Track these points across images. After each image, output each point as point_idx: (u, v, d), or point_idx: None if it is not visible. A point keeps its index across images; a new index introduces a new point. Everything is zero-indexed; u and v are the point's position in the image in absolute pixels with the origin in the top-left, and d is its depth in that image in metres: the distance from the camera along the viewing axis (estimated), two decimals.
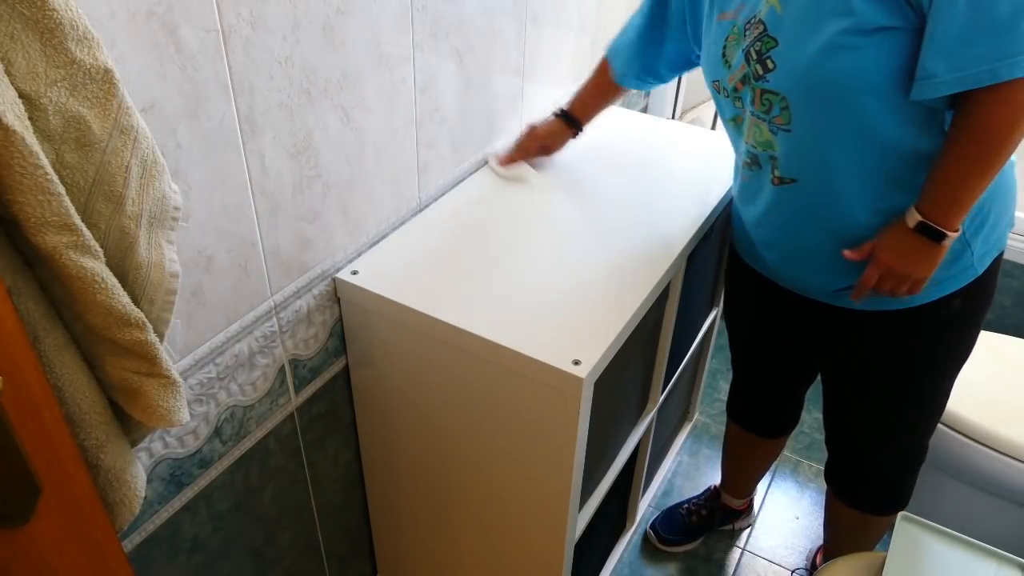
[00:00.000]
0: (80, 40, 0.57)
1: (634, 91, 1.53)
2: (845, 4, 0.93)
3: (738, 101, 1.12)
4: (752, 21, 1.05)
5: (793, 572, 1.75)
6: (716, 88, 1.16)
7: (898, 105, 0.97)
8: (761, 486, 1.91)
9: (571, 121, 1.43)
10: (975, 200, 0.99)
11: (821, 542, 1.70)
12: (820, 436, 2.02)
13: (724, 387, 2.23)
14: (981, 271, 1.12)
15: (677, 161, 1.51)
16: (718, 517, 1.80)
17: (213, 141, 0.88)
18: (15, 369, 0.53)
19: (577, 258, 1.21)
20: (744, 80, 1.08)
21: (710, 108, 2.29)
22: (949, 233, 1.00)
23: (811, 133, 1.04)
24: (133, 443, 0.74)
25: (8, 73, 0.54)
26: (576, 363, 1.00)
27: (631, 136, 1.60)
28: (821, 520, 1.86)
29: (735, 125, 1.16)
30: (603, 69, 1.39)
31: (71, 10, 0.56)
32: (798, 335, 1.38)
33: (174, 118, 0.83)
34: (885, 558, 1.13)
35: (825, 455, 1.45)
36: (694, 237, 1.29)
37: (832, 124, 1.01)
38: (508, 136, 1.49)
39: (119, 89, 0.60)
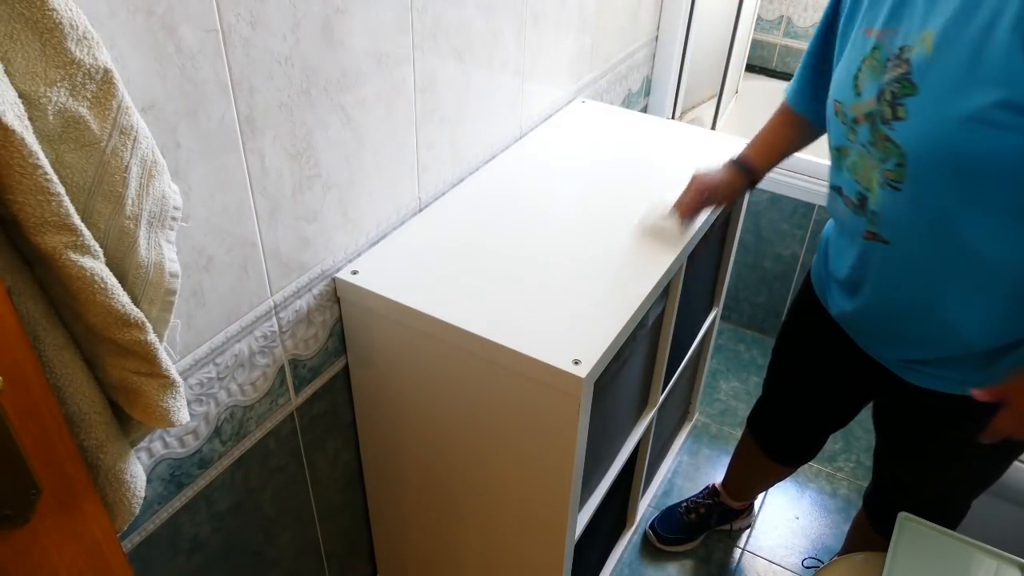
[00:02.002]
0: (80, 40, 0.57)
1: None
2: (1008, 72, 0.79)
3: (852, 133, 0.99)
4: (899, 55, 0.91)
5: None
6: (836, 110, 1.03)
7: None
8: None
9: (745, 169, 1.28)
10: None
11: (822, 544, 1.70)
12: None
13: (724, 387, 2.23)
14: None
15: (677, 161, 1.51)
16: (716, 515, 1.80)
17: (213, 141, 0.88)
18: (15, 369, 0.53)
19: (577, 258, 1.21)
20: (869, 116, 0.95)
21: (710, 108, 2.29)
22: None
23: (923, 203, 0.91)
24: (133, 443, 0.74)
25: (8, 73, 0.54)
26: (576, 363, 1.00)
27: (631, 136, 1.60)
28: (821, 520, 1.87)
29: (839, 155, 1.04)
30: (781, 107, 1.28)
31: (71, 10, 0.56)
32: (846, 385, 1.32)
33: (174, 118, 0.83)
34: (885, 558, 1.13)
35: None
36: (694, 237, 1.29)
37: (951, 203, 0.88)
38: (507, 136, 1.50)
39: (119, 89, 0.60)
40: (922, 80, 0.87)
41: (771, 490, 1.94)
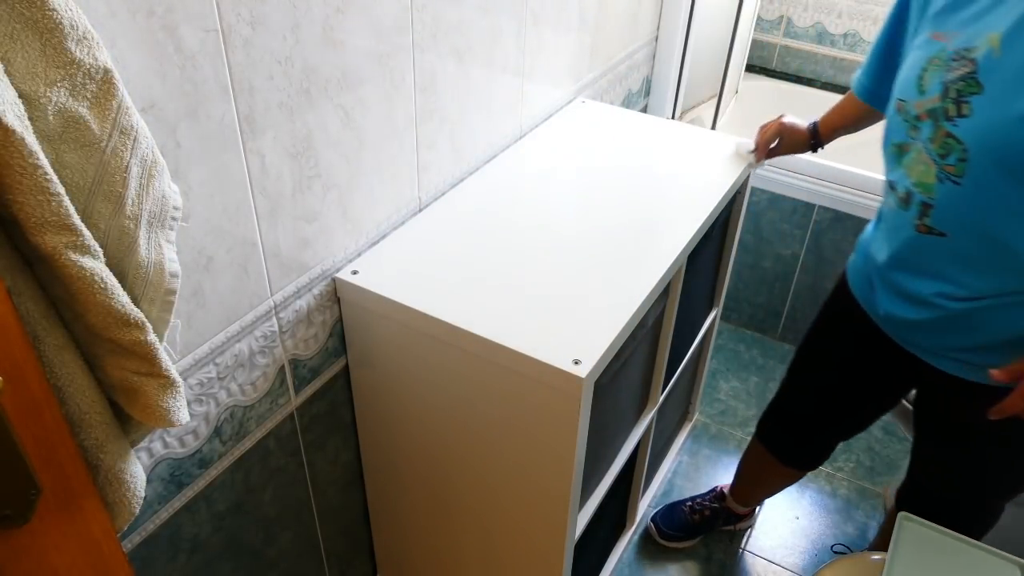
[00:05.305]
0: (80, 40, 0.57)
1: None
2: None
3: (915, 131, 1.02)
4: (962, 55, 0.95)
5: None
6: (898, 108, 1.06)
7: None
8: None
9: (813, 131, 1.42)
10: None
11: (823, 544, 1.70)
12: None
13: (724, 387, 2.23)
14: None
15: (677, 161, 1.51)
16: (720, 519, 1.80)
17: (213, 141, 0.88)
18: (15, 369, 0.53)
19: (577, 258, 1.21)
20: (931, 113, 0.98)
21: (710, 108, 2.29)
22: None
23: (983, 195, 0.94)
24: (133, 443, 0.74)
25: (8, 73, 0.54)
26: (576, 363, 1.00)
27: (631, 136, 1.60)
28: (821, 520, 1.87)
29: (898, 152, 1.06)
30: (849, 95, 1.36)
31: (71, 10, 0.56)
32: (875, 385, 1.32)
33: (174, 118, 0.83)
34: (885, 558, 1.13)
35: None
36: (694, 237, 1.29)
37: (1010, 195, 0.91)
38: (507, 135, 1.50)
39: (119, 89, 0.60)
40: (987, 79, 0.91)
41: None
